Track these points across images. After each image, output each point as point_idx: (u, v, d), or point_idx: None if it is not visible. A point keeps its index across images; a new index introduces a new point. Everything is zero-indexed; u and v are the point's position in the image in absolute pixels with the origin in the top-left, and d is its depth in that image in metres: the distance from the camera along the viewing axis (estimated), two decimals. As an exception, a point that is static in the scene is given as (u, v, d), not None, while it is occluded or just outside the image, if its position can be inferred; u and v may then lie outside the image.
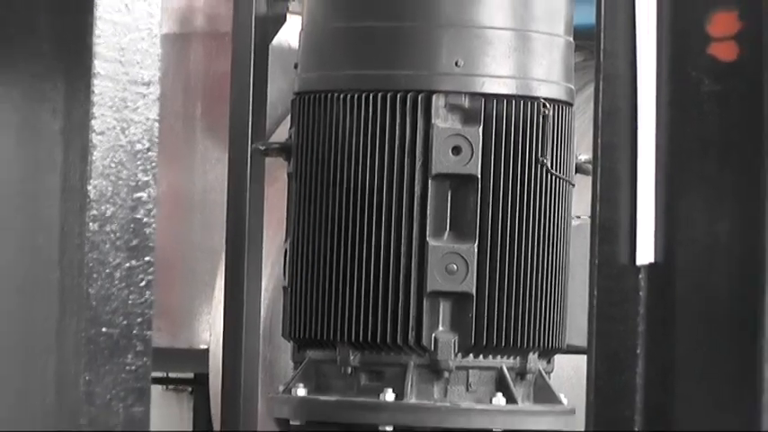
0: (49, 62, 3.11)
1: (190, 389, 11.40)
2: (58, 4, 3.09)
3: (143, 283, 3.12)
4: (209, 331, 10.97)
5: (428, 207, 6.92)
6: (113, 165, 3.09)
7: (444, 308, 6.95)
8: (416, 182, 6.87)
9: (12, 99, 3.12)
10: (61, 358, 3.06)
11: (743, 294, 3.95)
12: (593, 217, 4.11)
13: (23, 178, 3.12)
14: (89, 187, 3.06)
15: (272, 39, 10.65)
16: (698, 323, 4.01)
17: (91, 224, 3.06)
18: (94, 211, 3.07)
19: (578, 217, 7.00)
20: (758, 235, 3.93)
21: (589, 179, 4.41)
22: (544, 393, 7.10)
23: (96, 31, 3.07)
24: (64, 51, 3.07)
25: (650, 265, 4.03)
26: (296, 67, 7.50)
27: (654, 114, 4.05)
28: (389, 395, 6.97)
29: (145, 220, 3.12)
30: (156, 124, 3.12)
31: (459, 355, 6.92)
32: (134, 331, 3.11)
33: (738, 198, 4.00)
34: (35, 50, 3.11)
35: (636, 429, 3.95)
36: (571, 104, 7.07)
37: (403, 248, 6.88)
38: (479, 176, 6.84)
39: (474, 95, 6.88)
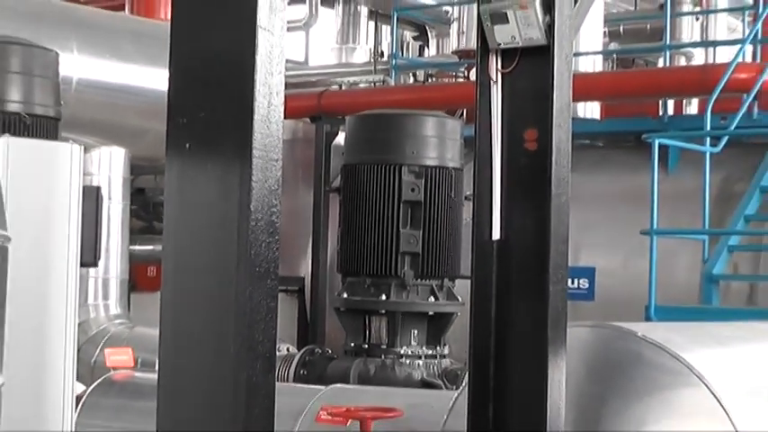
0: (231, 149, 3.07)
1: (296, 294, 11.26)
2: (237, 121, 3.05)
3: (274, 248, 3.08)
4: (305, 268, 10.89)
5: (400, 214, 6.97)
6: (261, 197, 3.05)
7: (407, 259, 7.01)
8: (395, 203, 6.93)
9: (215, 167, 3.07)
10: (239, 282, 3.02)
11: (537, 253, 3.88)
12: (473, 218, 4.06)
13: (220, 203, 3.08)
14: (251, 207, 3.02)
15: (332, 141, 10.61)
16: (517, 265, 3.95)
17: (252, 223, 3.02)
18: (253, 217, 3.03)
19: (465, 219, 7.00)
20: (545, 229, 3.87)
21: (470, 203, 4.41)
22: (451, 296, 7.10)
23: (254, 137, 3.03)
24: (239, 144, 3.03)
25: (498, 239, 3.96)
26: (342, 153, 7.50)
27: (499, 171, 3.97)
28: (383, 297, 6.96)
29: (275, 220, 3.08)
30: (280, 178, 3.08)
31: (414, 279, 6.93)
32: (270, 269, 3.07)
33: (524, 207, 3.95)
34: (225, 143, 3.07)
35: (492, 316, 3.91)
36: (461, 169, 7.08)
37: (390, 233, 6.94)
38: (422, 201, 6.89)
39: (420, 166, 6.98)
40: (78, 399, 5.42)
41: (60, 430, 4.28)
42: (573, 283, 8.78)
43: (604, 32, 11.64)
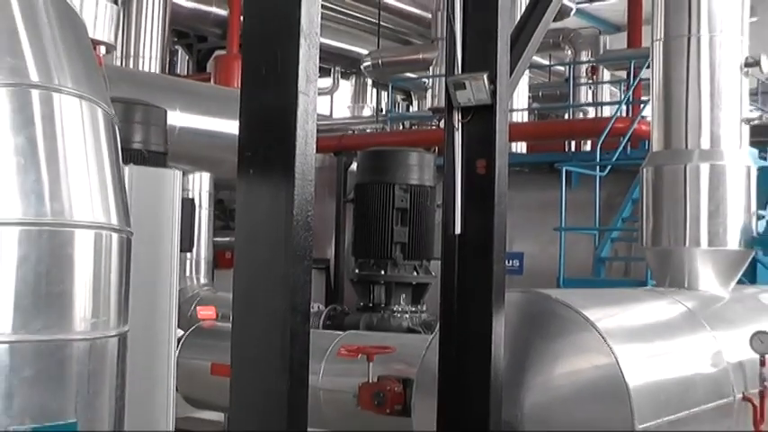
0: (280, 173, 3.03)
1: (324, 270, 11.18)
2: (284, 155, 3.00)
3: (309, 239, 3.04)
4: (330, 253, 10.79)
5: (393, 218, 6.89)
6: (300, 205, 3.01)
7: (398, 246, 6.92)
8: (390, 209, 6.86)
9: (269, 185, 3.01)
10: (285, 262, 2.98)
11: (485, 243, 3.83)
12: (442, 219, 4.03)
13: (272, 209, 3.04)
14: (293, 212, 2.99)
15: (348, 168, 10.54)
16: (471, 251, 3.91)
17: (294, 222, 2.99)
18: (295, 218, 2.99)
19: (437, 220, 6.96)
20: (490, 227, 3.83)
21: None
22: (427, 271, 7.05)
23: (296, 165, 2.99)
24: (285, 170, 2.99)
25: (459, 234, 3.94)
26: (355, 176, 7.45)
27: (460, 188, 3.93)
28: (382, 272, 6.90)
29: (310, 221, 3.05)
30: (313, 193, 3.04)
31: (403, 260, 6.88)
32: (306, 253, 3.03)
33: (477, 212, 3.86)
34: (276, 170, 3.03)
35: (455, 285, 3.86)
36: (435, 187, 7.04)
37: (387, 229, 6.87)
38: (408, 209, 6.81)
39: (407, 185, 6.92)
40: (179, 340, 5.42)
41: (166, 362, 4.26)
42: (509, 263, 8.82)
43: (529, 96, 11.90)
